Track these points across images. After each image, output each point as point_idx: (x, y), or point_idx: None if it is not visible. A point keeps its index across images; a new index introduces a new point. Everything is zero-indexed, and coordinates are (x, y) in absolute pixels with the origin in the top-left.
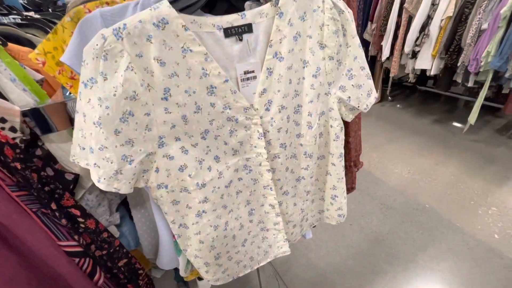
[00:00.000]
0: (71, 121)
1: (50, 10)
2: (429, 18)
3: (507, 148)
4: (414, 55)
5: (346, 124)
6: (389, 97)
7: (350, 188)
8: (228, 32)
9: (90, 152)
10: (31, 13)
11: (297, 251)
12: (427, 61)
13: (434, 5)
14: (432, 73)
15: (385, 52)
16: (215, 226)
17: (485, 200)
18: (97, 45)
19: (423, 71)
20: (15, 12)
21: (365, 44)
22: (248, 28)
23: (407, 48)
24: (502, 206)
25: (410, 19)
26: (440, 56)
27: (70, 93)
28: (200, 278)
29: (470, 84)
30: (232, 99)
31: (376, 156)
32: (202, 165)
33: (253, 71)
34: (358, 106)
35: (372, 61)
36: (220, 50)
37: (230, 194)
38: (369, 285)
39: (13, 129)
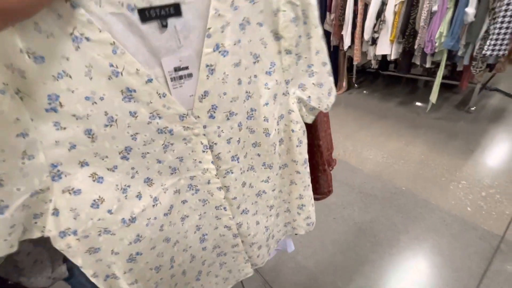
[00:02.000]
0: None
1: None
2: (383, 4)
3: (466, 122)
4: (374, 41)
5: (315, 127)
6: (355, 85)
7: (327, 191)
8: (146, 14)
9: None
10: None
11: (284, 255)
12: (386, 47)
13: None
14: (392, 57)
15: (346, 41)
16: (157, 267)
17: (455, 175)
18: None
19: (384, 57)
20: None
21: (327, 34)
22: (175, 9)
23: (367, 36)
24: (470, 179)
25: (366, 7)
26: (397, 41)
27: None
28: None
29: (427, 65)
30: (161, 104)
31: (350, 145)
32: (128, 193)
33: (186, 67)
34: (319, 106)
35: (335, 51)
36: (136, 39)
37: (172, 222)
38: (360, 277)
39: None
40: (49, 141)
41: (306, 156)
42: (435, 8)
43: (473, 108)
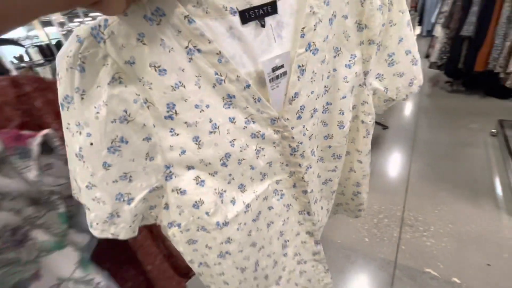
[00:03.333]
0: None
1: None
2: None
3: None
4: None
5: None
6: None
7: None
8: (246, 15)
9: (78, 190)
10: None
11: None
12: None
13: None
14: None
15: None
16: (242, 268)
17: None
18: (70, 51)
19: None
20: None
21: None
22: (272, 8)
23: None
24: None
25: None
26: None
27: None
28: None
29: None
30: (256, 109)
31: None
32: (223, 198)
33: (282, 66)
34: (396, 97)
35: None
36: (234, 42)
37: (259, 228)
38: None
39: None
40: (165, 145)
41: (370, 147)
42: None
43: None
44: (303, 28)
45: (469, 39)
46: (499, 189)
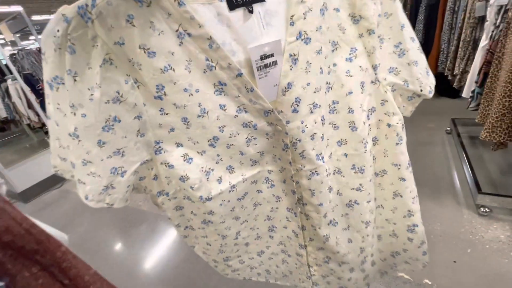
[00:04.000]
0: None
1: None
2: None
3: None
4: None
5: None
6: None
7: None
8: (233, 1)
9: (72, 166)
10: None
11: None
12: None
13: None
14: None
15: None
16: (223, 236)
17: None
18: (58, 31)
19: None
20: None
21: None
22: None
23: None
24: None
25: None
26: None
27: None
28: None
29: None
30: (248, 99)
31: None
32: (210, 176)
33: (271, 55)
34: (421, 90)
35: None
36: (223, 29)
37: (244, 206)
38: None
39: None
40: (155, 122)
41: (408, 157)
42: None
43: None
44: (292, 16)
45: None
46: (458, 185)
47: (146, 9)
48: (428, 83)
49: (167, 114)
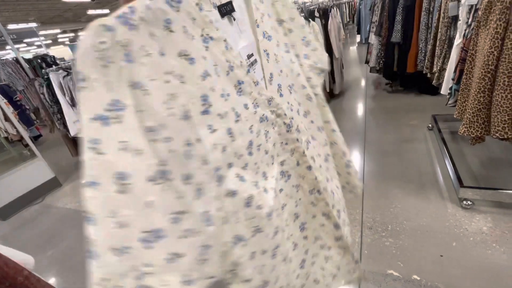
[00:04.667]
0: None
1: None
2: None
3: None
4: None
5: None
6: None
7: None
8: (222, 10)
9: (145, 244)
10: None
11: None
12: None
13: None
14: None
15: None
16: (264, 251)
17: None
18: (103, 43)
19: None
20: None
21: None
22: (231, 6)
23: None
24: None
25: None
26: None
27: None
28: None
29: None
30: (257, 92)
31: None
32: (259, 189)
33: (252, 54)
34: (324, 67)
35: None
36: (221, 32)
37: (278, 211)
38: None
39: None
40: (209, 144)
41: (332, 115)
42: None
43: None
44: (256, 20)
45: (398, 45)
46: (441, 180)
47: (177, 14)
48: (326, 61)
49: (215, 130)
